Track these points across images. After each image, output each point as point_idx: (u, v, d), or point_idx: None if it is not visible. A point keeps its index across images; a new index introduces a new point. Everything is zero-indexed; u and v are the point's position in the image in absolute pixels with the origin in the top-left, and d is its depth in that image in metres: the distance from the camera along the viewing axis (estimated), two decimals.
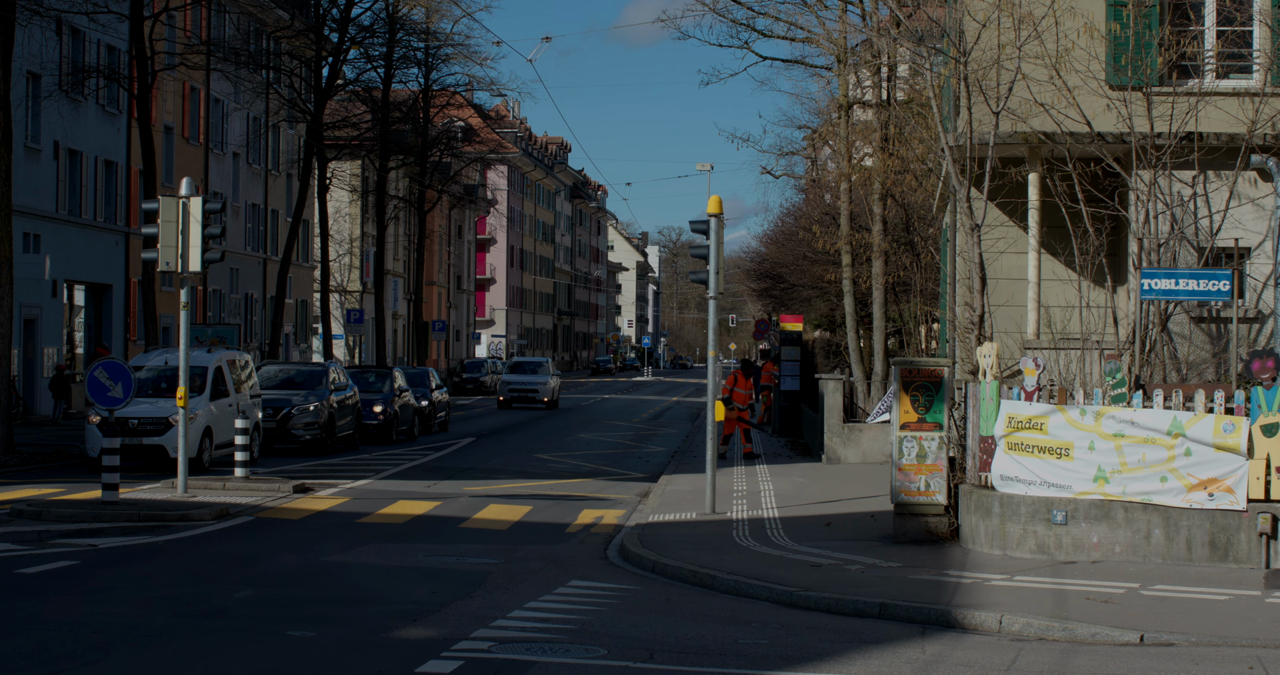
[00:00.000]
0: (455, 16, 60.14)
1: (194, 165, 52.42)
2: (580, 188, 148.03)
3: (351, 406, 34.93)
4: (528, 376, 60.27)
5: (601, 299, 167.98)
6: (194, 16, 51.39)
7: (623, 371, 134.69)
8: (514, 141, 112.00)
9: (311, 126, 51.69)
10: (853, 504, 22.49)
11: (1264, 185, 20.08)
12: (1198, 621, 13.41)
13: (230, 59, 48.77)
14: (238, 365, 29.18)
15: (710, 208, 21.68)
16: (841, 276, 34.93)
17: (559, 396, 62.41)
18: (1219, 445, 16.36)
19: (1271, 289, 19.68)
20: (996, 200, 21.47)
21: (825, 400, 29.99)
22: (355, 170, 70.81)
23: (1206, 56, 20.36)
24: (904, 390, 18.50)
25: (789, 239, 50.35)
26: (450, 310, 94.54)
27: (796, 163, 51.77)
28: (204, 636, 12.09)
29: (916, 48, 25.00)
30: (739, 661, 11.71)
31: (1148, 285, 18.22)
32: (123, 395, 21.87)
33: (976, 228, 19.95)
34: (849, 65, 33.32)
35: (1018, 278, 21.52)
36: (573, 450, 35.83)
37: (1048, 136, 20.17)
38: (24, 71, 38.92)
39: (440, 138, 66.62)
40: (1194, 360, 19.93)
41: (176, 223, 22.19)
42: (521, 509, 22.26)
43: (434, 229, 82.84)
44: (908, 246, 34.47)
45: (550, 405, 59.40)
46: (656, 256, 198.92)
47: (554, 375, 61.60)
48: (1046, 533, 17.01)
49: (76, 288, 44.70)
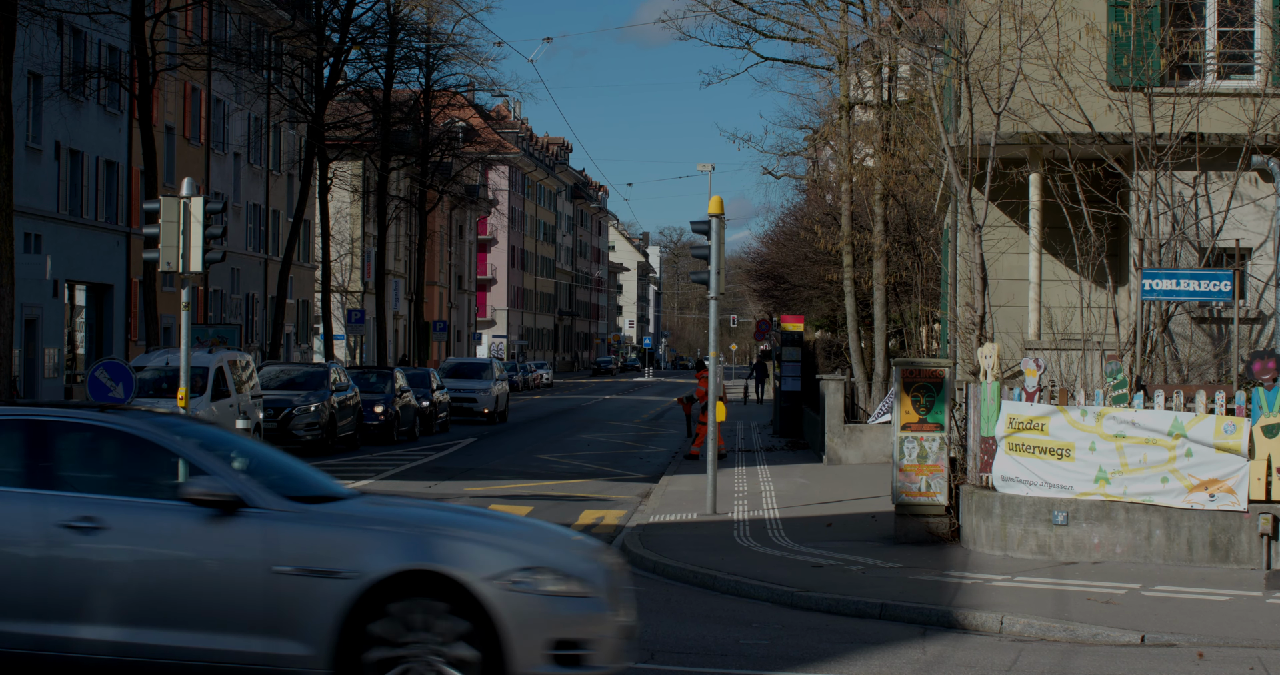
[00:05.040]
0: (456, 17, 60.16)
1: (195, 165, 52.43)
2: (581, 188, 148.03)
3: (353, 407, 34.93)
4: (464, 381, 49.07)
5: (602, 299, 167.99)
6: (195, 17, 51.40)
7: (624, 372, 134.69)
8: (515, 142, 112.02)
9: (313, 127, 51.71)
10: (854, 504, 22.49)
11: (1265, 186, 20.08)
12: (1199, 622, 13.41)
13: (231, 59, 48.77)
14: (239, 365, 29.18)
15: (711, 208, 21.69)
16: (842, 277, 34.94)
17: (507, 407, 51.47)
18: (1220, 446, 16.35)
19: (1273, 290, 19.68)
20: (998, 201, 21.46)
21: (826, 401, 29.99)
22: (356, 170, 70.83)
23: (1208, 57, 20.36)
24: (905, 391, 18.50)
25: (790, 239, 50.36)
26: (451, 311, 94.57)
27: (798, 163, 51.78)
28: None
29: (918, 48, 25.01)
30: (740, 662, 11.71)
31: (1149, 286, 18.22)
32: (124, 395, 21.88)
33: (978, 228, 19.95)
34: (850, 66, 33.33)
35: (1019, 278, 21.51)
36: (574, 451, 35.83)
37: (1049, 137, 20.16)
38: (25, 72, 38.92)
39: (441, 138, 66.63)
40: (1195, 361, 19.93)
41: (177, 223, 22.19)
42: (523, 509, 22.26)
43: (435, 229, 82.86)
44: (909, 247, 34.48)
45: (492, 418, 47.98)
46: (658, 257, 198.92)
47: (499, 380, 50.33)
48: (1047, 533, 17.01)
49: (77, 288, 44.70)
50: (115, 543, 9.20)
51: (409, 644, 8.88)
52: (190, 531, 9.16)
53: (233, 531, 9.14)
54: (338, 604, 8.90)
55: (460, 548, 9.11)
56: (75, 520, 9.19)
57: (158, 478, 9.66)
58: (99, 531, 9.18)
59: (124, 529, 9.21)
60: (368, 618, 8.88)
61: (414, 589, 8.92)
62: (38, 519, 9.23)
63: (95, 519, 9.19)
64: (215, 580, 9.09)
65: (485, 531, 9.52)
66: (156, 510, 9.31)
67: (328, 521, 9.28)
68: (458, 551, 9.07)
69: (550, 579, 9.04)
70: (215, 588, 9.08)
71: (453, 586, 8.90)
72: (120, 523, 9.22)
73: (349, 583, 8.91)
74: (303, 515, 9.26)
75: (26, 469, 9.53)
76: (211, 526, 9.16)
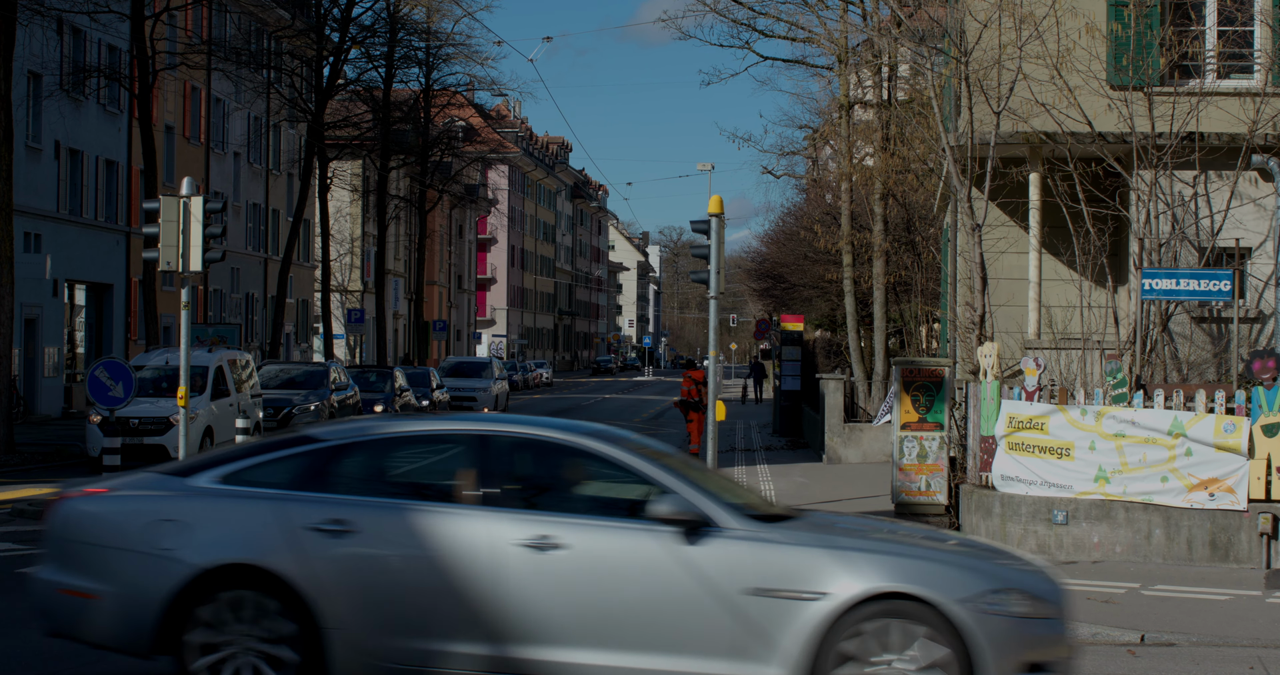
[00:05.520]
0: (456, 16, 60.17)
1: (195, 165, 52.44)
2: (581, 187, 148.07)
3: (353, 406, 34.93)
4: (464, 381, 49.97)
5: (602, 299, 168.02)
6: (195, 16, 51.40)
7: (624, 371, 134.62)
8: (515, 141, 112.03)
9: (312, 126, 51.71)
10: (853, 504, 22.47)
11: (1265, 185, 20.08)
12: (1198, 621, 13.41)
13: (231, 59, 48.77)
14: (239, 365, 29.17)
15: (711, 207, 21.66)
16: (842, 276, 34.93)
17: (507, 406, 52.23)
18: (1220, 445, 16.35)
19: (1272, 289, 19.68)
20: (998, 200, 21.46)
21: (826, 400, 29.99)
22: (356, 170, 70.84)
23: (1207, 56, 20.36)
24: (905, 390, 18.50)
25: (790, 239, 50.35)
26: (451, 310, 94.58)
27: (797, 162, 51.83)
28: None
29: (917, 47, 25.00)
30: None
31: (1149, 285, 18.22)
32: (123, 395, 21.87)
33: (977, 227, 19.95)
34: (850, 65, 33.33)
35: (1019, 278, 21.51)
36: None
37: (1049, 136, 20.16)
38: (25, 71, 38.93)
39: (441, 137, 66.64)
40: (1195, 360, 19.93)
41: (177, 222, 22.17)
42: None
43: (435, 229, 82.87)
44: (909, 246, 34.48)
45: None
46: (657, 256, 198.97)
47: (499, 380, 51.39)
48: (1047, 533, 17.01)
49: (77, 287, 44.70)
50: (575, 563, 9.02)
51: (877, 665, 8.77)
52: (654, 552, 8.98)
53: (698, 552, 8.97)
54: (810, 626, 8.76)
55: (930, 569, 8.98)
56: (532, 540, 9.04)
57: (614, 496, 9.51)
58: (557, 550, 9.03)
59: (583, 549, 9.04)
60: (837, 638, 8.77)
61: (882, 610, 8.79)
62: (492, 538, 9.09)
63: (552, 538, 9.04)
64: (680, 602, 8.90)
65: (947, 553, 9.37)
66: (618, 530, 9.13)
67: (792, 541, 9.11)
68: (929, 573, 8.93)
69: (1018, 600, 8.91)
70: (680, 610, 8.90)
71: (927, 609, 8.76)
72: (579, 542, 9.05)
73: (821, 604, 8.78)
74: (765, 535, 9.11)
75: (481, 487, 9.34)
76: (676, 547, 8.98)
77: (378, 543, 9.20)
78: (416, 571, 9.11)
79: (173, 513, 9.40)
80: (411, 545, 9.16)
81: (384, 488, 9.59)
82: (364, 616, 9.08)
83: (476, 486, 9.36)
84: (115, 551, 9.35)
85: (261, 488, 9.47)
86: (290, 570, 9.10)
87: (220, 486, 9.51)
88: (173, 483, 9.64)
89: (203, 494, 9.49)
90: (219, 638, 9.13)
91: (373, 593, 9.10)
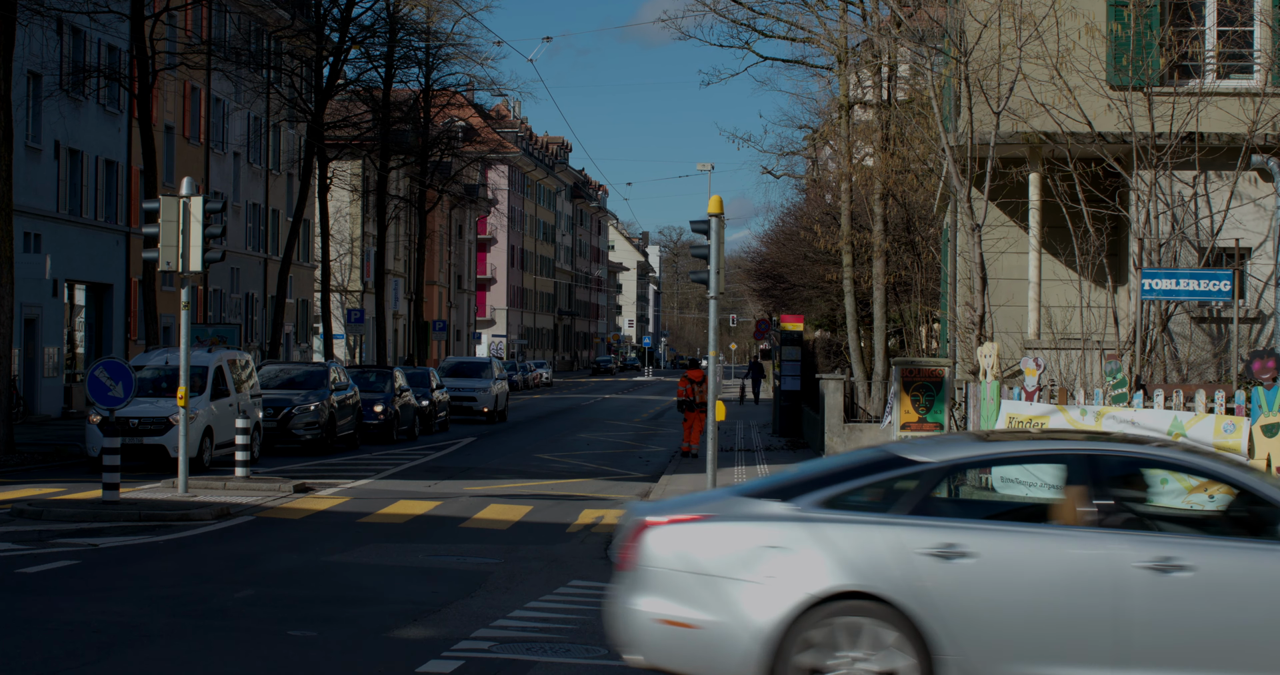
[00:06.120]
0: (456, 16, 60.22)
1: (195, 165, 52.44)
2: (581, 187, 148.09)
3: (352, 406, 34.93)
4: (464, 381, 49.32)
5: (602, 299, 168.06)
6: (194, 16, 51.40)
7: (623, 371, 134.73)
8: (515, 141, 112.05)
9: (312, 126, 51.72)
10: None
11: (1265, 185, 20.08)
12: None
13: (231, 59, 48.78)
14: (238, 365, 29.17)
15: (711, 207, 21.68)
16: (842, 276, 34.94)
17: (507, 406, 51.73)
18: (1219, 445, 16.33)
19: (1272, 289, 19.68)
20: (997, 200, 21.47)
21: (826, 400, 29.99)
22: (356, 170, 70.84)
23: (1207, 57, 20.37)
24: (905, 390, 18.51)
25: (790, 239, 50.35)
26: (451, 310, 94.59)
27: (797, 163, 51.84)
28: (205, 636, 12.10)
29: (917, 48, 25.02)
30: None
31: (1148, 285, 18.22)
32: (123, 395, 21.87)
33: (977, 228, 19.96)
34: (849, 65, 33.33)
35: (1018, 278, 21.52)
36: (573, 450, 35.83)
37: (1048, 136, 20.17)
38: (25, 71, 38.93)
39: (441, 137, 66.65)
40: (1195, 360, 19.94)
41: (177, 222, 22.19)
42: (522, 509, 22.26)
43: (434, 229, 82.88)
44: (908, 246, 34.49)
45: (491, 417, 48.25)
46: (657, 256, 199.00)
47: (498, 380, 50.67)
48: None
49: (77, 287, 44.70)
50: (1199, 585, 8.83)
51: None
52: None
53: None
54: None
55: None
56: (1154, 562, 8.86)
57: (1243, 517, 9.41)
58: (1181, 572, 8.83)
59: (1209, 570, 8.86)
60: None
61: None
62: (1112, 561, 8.90)
63: (1175, 559, 8.85)
64: None
65: None
66: (1243, 550, 9.03)
67: None
68: None
69: None
70: None
71: None
72: (1204, 563, 8.87)
73: None
74: None
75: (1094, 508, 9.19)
76: None
77: (994, 568, 8.95)
78: (1035, 597, 8.89)
79: (778, 540, 9.12)
80: (1030, 570, 8.95)
81: (989, 509, 9.43)
82: (978, 644, 8.86)
83: (1090, 507, 9.19)
84: (719, 580, 9.08)
85: (862, 512, 9.23)
86: (903, 596, 8.88)
87: (821, 511, 9.22)
88: (769, 507, 9.33)
89: (805, 520, 9.19)
90: (824, 662, 8.88)
91: (988, 619, 8.88)
